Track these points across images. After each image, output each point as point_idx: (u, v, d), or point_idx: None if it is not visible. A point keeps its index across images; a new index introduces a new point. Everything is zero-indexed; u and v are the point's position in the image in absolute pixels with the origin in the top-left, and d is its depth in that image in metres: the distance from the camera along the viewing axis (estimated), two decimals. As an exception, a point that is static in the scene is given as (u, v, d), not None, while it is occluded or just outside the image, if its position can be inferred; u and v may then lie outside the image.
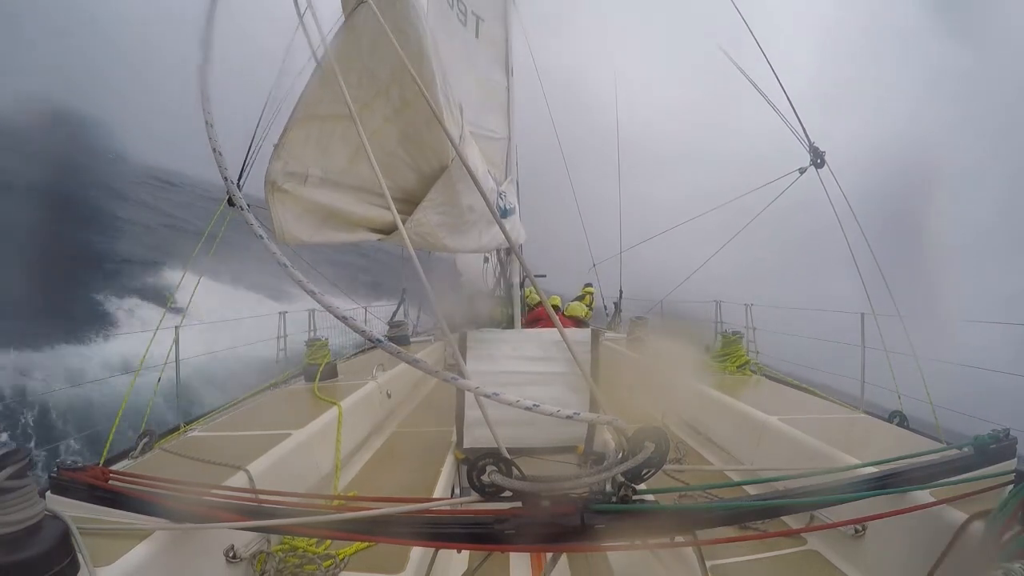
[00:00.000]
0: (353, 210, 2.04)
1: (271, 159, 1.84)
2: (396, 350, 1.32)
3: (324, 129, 1.88)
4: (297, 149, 1.87)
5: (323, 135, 1.89)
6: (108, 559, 1.67)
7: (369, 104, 1.92)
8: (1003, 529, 1.65)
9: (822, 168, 3.68)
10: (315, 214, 1.97)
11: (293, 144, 1.86)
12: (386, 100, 1.95)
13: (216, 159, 1.33)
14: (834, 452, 2.80)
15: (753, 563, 2.50)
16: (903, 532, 2.18)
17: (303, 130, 1.87)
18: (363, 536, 2.01)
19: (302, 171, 1.88)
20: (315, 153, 1.90)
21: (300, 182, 1.89)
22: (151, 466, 2.72)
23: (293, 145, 1.86)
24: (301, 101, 1.83)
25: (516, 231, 3.99)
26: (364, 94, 1.89)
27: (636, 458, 1.35)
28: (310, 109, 1.84)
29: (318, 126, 1.87)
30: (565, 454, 3.69)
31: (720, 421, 4.21)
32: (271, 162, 1.84)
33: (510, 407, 1.31)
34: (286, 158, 1.85)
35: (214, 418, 3.81)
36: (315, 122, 1.86)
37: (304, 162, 1.88)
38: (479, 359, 3.59)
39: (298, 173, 1.88)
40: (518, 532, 1.34)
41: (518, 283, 6.01)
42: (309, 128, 1.87)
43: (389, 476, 3.81)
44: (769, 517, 1.88)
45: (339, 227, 2.05)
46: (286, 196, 1.87)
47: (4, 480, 1.35)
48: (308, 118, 1.85)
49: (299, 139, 1.87)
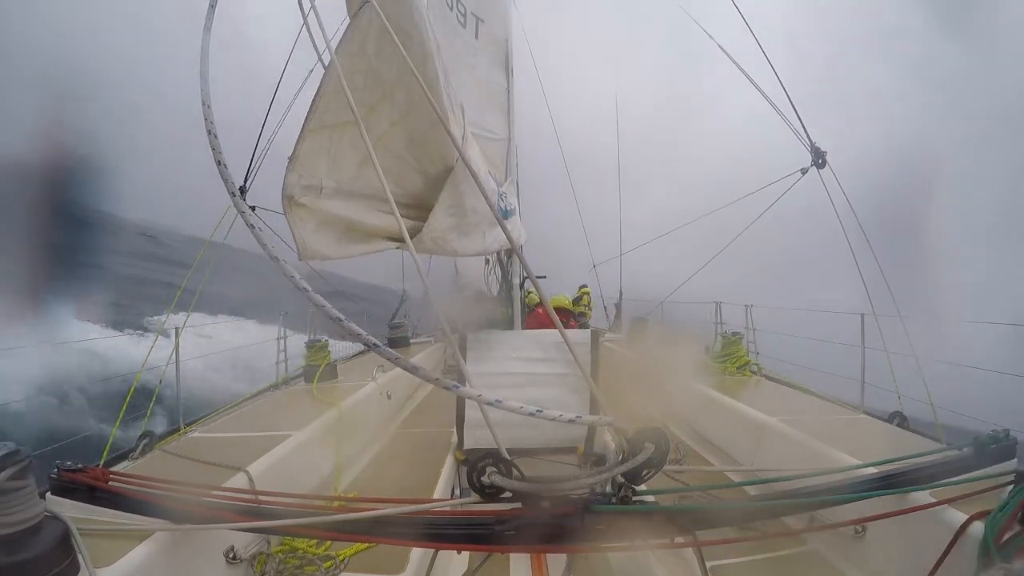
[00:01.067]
0: (367, 220, 2.03)
1: (287, 172, 1.81)
2: (394, 356, 1.32)
3: (334, 138, 1.86)
4: (310, 160, 1.84)
5: (333, 144, 1.86)
6: (108, 560, 1.67)
7: (375, 108, 1.90)
8: (1003, 529, 1.65)
9: (823, 168, 3.68)
10: (333, 227, 1.95)
11: (307, 156, 1.83)
12: (392, 103, 1.93)
13: (220, 171, 1.32)
14: (834, 453, 2.79)
15: (753, 564, 2.50)
16: (903, 532, 2.18)
17: (315, 140, 1.84)
18: (363, 537, 2.01)
19: (316, 183, 1.86)
20: (327, 163, 1.87)
21: (316, 194, 1.86)
22: (151, 467, 2.72)
23: (307, 157, 1.83)
24: (312, 110, 1.79)
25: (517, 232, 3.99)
26: (370, 97, 1.88)
27: (636, 459, 1.35)
28: (320, 118, 1.81)
29: (328, 135, 1.85)
30: (565, 455, 3.69)
31: (720, 422, 4.21)
32: (287, 175, 1.81)
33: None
34: (300, 171, 1.82)
35: (214, 419, 3.81)
36: (325, 131, 1.84)
37: (317, 173, 1.86)
38: (479, 361, 3.59)
39: (313, 186, 1.85)
40: (518, 533, 1.34)
41: (519, 284, 6.01)
42: (320, 138, 1.84)
43: (389, 477, 3.81)
44: (769, 518, 1.87)
45: (357, 239, 2.04)
46: (304, 210, 1.85)
47: (4, 481, 1.35)
48: (319, 128, 1.82)
49: (311, 150, 1.84)
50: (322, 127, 1.82)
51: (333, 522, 1.43)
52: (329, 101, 1.78)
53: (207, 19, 1.50)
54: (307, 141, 1.81)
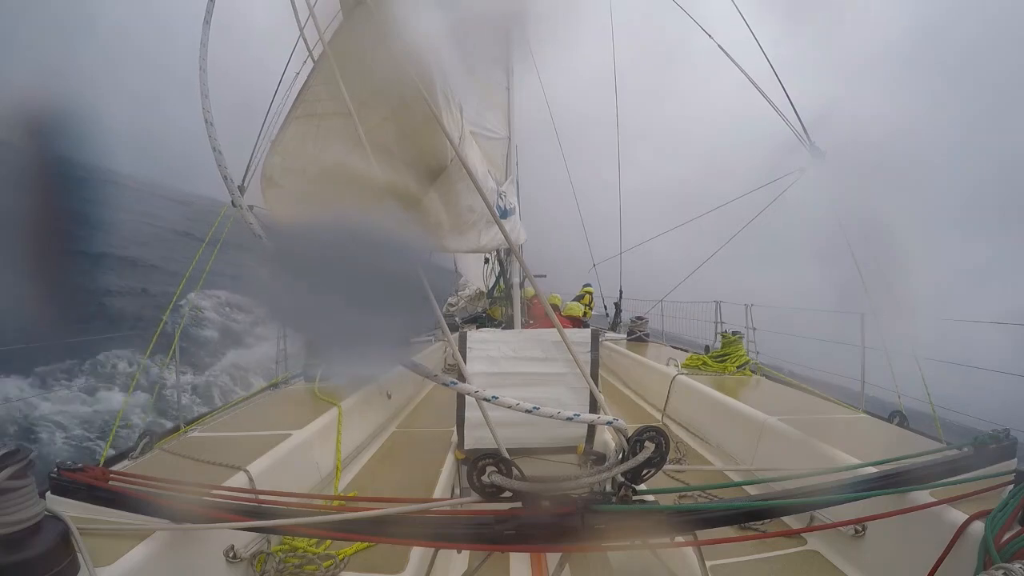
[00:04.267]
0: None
1: (267, 154, 1.86)
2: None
3: (322, 126, 1.88)
4: (294, 145, 1.87)
5: (320, 132, 1.89)
6: (108, 559, 1.67)
7: (367, 102, 1.92)
8: (1003, 529, 1.66)
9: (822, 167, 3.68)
10: (312, 209, 1.97)
11: (291, 140, 1.87)
12: (384, 99, 1.95)
13: (216, 158, 1.32)
14: (834, 452, 2.79)
15: (753, 563, 2.50)
16: (903, 532, 2.18)
17: (301, 127, 1.87)
18: (363, 536, 2.01)
19: (299, 167, 1.89)
20: (313, 150, 1.90)
21: (297, 177, 1.89)
22: (151, 466, 2.71)
23: (291, 141, 1.87)
24: (299, 98, 1.84)
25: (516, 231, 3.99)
26: (362, 91, 1.89)
27: (636, 458, 1.35)
28: (308, 107, 1.85)
29: (316, 123, 1.88)
30: (565, 454, 3.69)
31: (720, 421, 4.21)
32: (267, 157, 1.86)
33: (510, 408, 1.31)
34: (283, 154, 1.86)
35: (214, 418, 3.81)
36: (313, 119, 1.87)
37: (302, 159, 1.89)
38: (479, 360, 3.59)
39: (295, 168, 1.88)
40: (518, 532, 1.34)
41: (518, 283, 6.01)
42: (307, 125, 1.88)
43: (389, 476, 3.81)
44: (769, 517, 1.87)
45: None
46: (282, 191, 1.87)
47: (4, 480, 1.35)
48: (307, 115, 1.86)
49: (297, 135, 1.87)
50: (310, 115, 1.85)
51: (333, 521, 1.43)
52: (319, 91, 1.80)
53: (207, 11, 1.50)
54: (293, 126, 1.85)
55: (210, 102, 1.33)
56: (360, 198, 2.05)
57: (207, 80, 1.35)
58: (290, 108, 1.86)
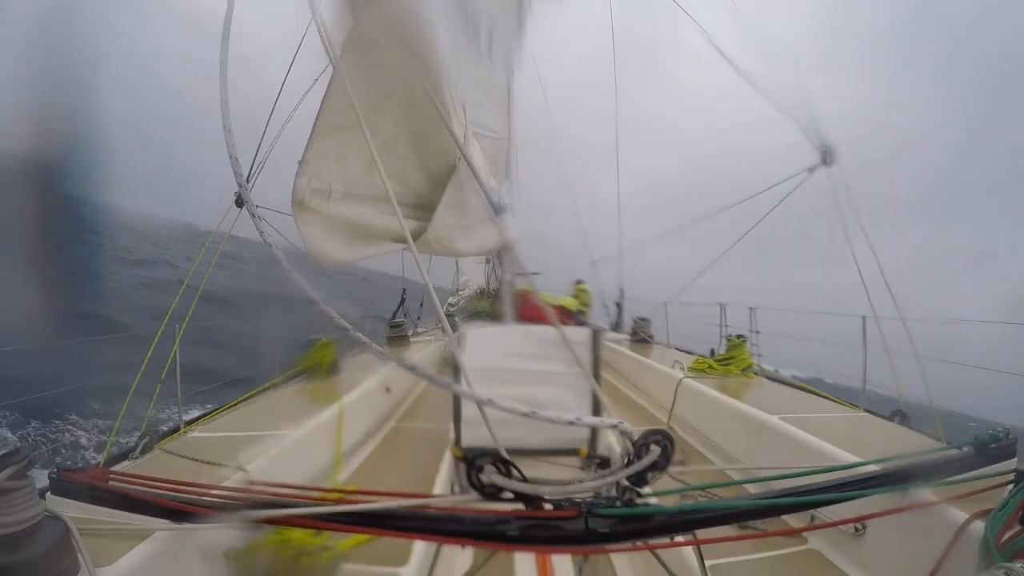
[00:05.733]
0: (374, 222, 2.02)
1: (296, 176, 1.80)
2: (394, 359, 1.33)
3: (342, 140, 1.85)
4: (319, 163, 1.83)
5: (340, 146, 1.85)
6: (109, 559, 1.67)
7: (379, 107, 1.89)
8: (1003, 529, 1.66)
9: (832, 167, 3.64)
10: (341, 230, 1.95)
11: (316, 158, 1.82)
12: (395, 101, 1.92)
13: (232, 164, 1.37)
14: (835, 451, 2.80)
15: (753, 563, 2.50)
16: (903, 531, 2.18)
17: (323, 143, 1.82)
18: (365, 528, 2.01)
19: (325, 187, 1.85)
20: (335, 166, 1.87)
21: (325, 198, 1.86)
22: (151, 466, 2.71)
23: (316, 159, 1.82)
24: (321, 113, 1.78)
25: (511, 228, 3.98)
26: (374, 96, 1.87)
27: (642, 462, 1.35)
28: (328, 120, 1.79)
29: (336, 137, 1.84)
30: (567, 456, 3.68)
31: (721, 421, 4.21)
32: (297, 179, 1.79)
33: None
34: (310, 174, 1.81)
35: (214, 418, 3.80)
36: (334, 133, 1.82)
37: (326, 177, 1.85)
38: (478, 358, 3.58)
39: (322, 189, 1.85)
40: (520, 533, 1.34)
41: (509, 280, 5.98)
42: (328, 140, 1.83)
43: (388, 472, 3.81)
44: (769, 516, 1.87)
45: (365, 241, 2.04)
46: (313, 215, 1.84)
47: (4, 480, 1.35)
48: (327, 130, 1.81)
49: (320, 152, 1.82)
50: (330, 129, 1.81)
51: (334, 513, 1.42)
52: (337, 103, 1.76)
53: (226, 17, 1.52)
54: (316, 144, 1.80)
55: (230, 121, 1.36)
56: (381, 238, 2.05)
57: (227, 89, 1.40)
58: (313, 123, 1.81)
